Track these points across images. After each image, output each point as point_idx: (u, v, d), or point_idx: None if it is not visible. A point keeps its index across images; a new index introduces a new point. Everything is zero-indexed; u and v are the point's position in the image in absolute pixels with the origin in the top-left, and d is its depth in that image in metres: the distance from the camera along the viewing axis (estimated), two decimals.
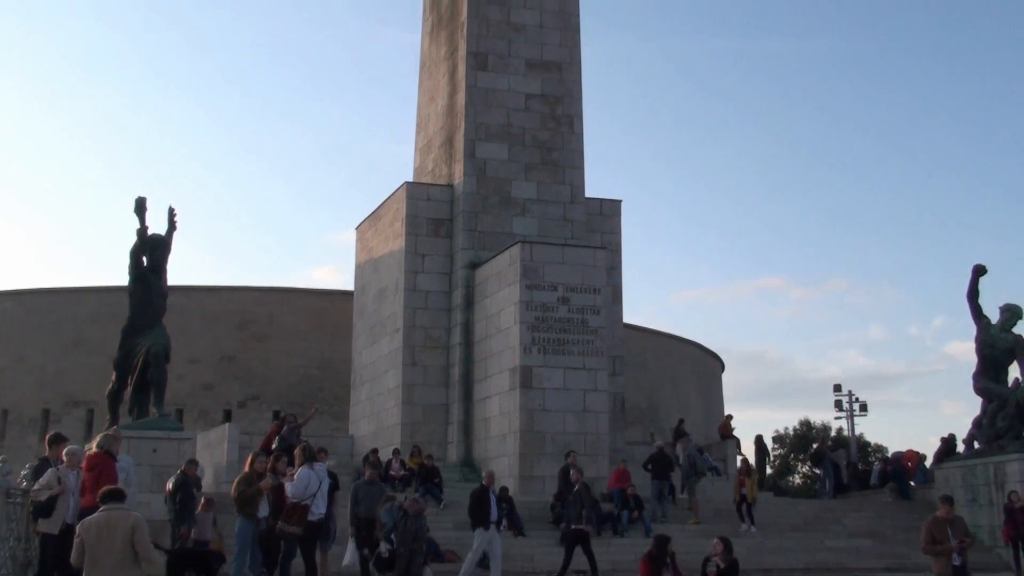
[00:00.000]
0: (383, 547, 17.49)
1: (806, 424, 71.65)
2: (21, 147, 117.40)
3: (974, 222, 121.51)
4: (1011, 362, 25.29)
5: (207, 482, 24.54)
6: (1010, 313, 25.34)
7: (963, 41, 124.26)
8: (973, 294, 25.49)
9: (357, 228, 34.90)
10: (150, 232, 20.72)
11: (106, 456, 13.42)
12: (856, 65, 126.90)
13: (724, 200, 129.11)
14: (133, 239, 20.64)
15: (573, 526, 19.32)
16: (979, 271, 25.30)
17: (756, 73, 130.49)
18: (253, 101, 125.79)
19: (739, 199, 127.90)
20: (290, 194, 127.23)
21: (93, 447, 13.78)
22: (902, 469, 29.45)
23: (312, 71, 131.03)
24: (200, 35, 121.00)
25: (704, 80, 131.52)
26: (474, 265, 29.03)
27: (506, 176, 30.18)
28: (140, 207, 20.48)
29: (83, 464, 13.45)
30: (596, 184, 39.97)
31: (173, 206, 20.89)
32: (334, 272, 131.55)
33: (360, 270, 34.53)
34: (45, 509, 13.28)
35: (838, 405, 57.00)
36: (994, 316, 25.62)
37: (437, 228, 30.08)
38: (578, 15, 32.06)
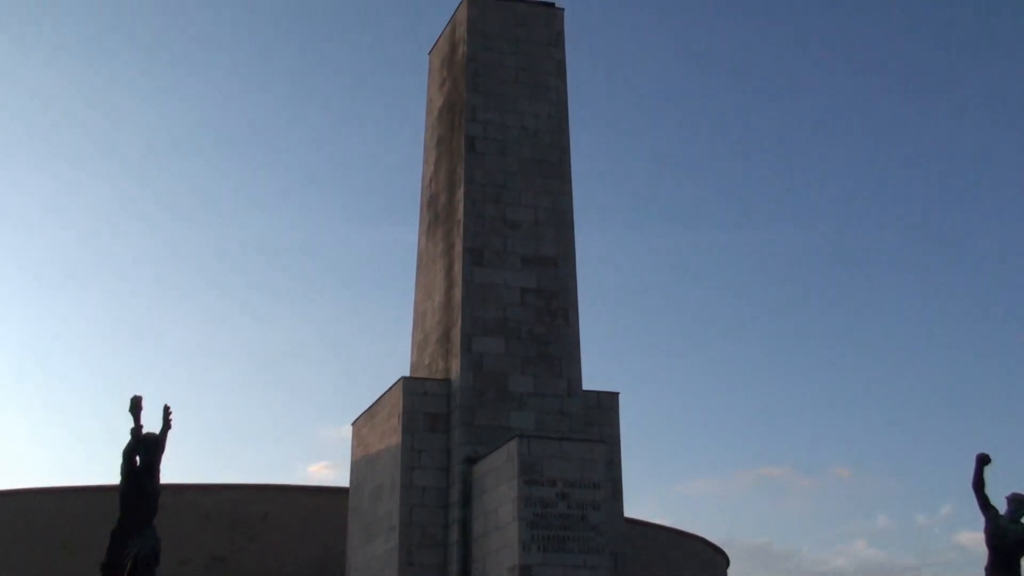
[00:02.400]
0: None
1: None
2: (8, 344, 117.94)
3: (976, 407, 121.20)
4: (1023, 554, 24.74)
5: None
6: (1018, 503, 24.86)
7: (953, 227, 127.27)
8: (979, 484, 25.09)
9: (353, 424, 34.60)
10: (144, 431, 20.59)
11: None
12: (850, 254, 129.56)
13: (723, 389, 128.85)
14: (125, 438, 20.43)
15: None
16: (983, 460, 24.98)
17: (751, 263, 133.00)
18: (247, 298, 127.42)
19: (738, 388, 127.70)
20: (285, 390, 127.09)
21: None
22: None
23: (306, 269, 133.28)
24: (191, 233, 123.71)
25: (699, 270, 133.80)
26: (471, 460, 28.63)
27: (503, 370, 30.17)
28: (135, 406, 20.39)
29: None
30: (593, 376, 39.83)
31: (168, 405, 20.82)
32: (329, 468, 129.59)
33: (356, 467, 34.02)
34: None
35: None
36: (1001, 505, 25.21)
37: (434, 423, 29.82)
38: (572, 212, 32.80)
